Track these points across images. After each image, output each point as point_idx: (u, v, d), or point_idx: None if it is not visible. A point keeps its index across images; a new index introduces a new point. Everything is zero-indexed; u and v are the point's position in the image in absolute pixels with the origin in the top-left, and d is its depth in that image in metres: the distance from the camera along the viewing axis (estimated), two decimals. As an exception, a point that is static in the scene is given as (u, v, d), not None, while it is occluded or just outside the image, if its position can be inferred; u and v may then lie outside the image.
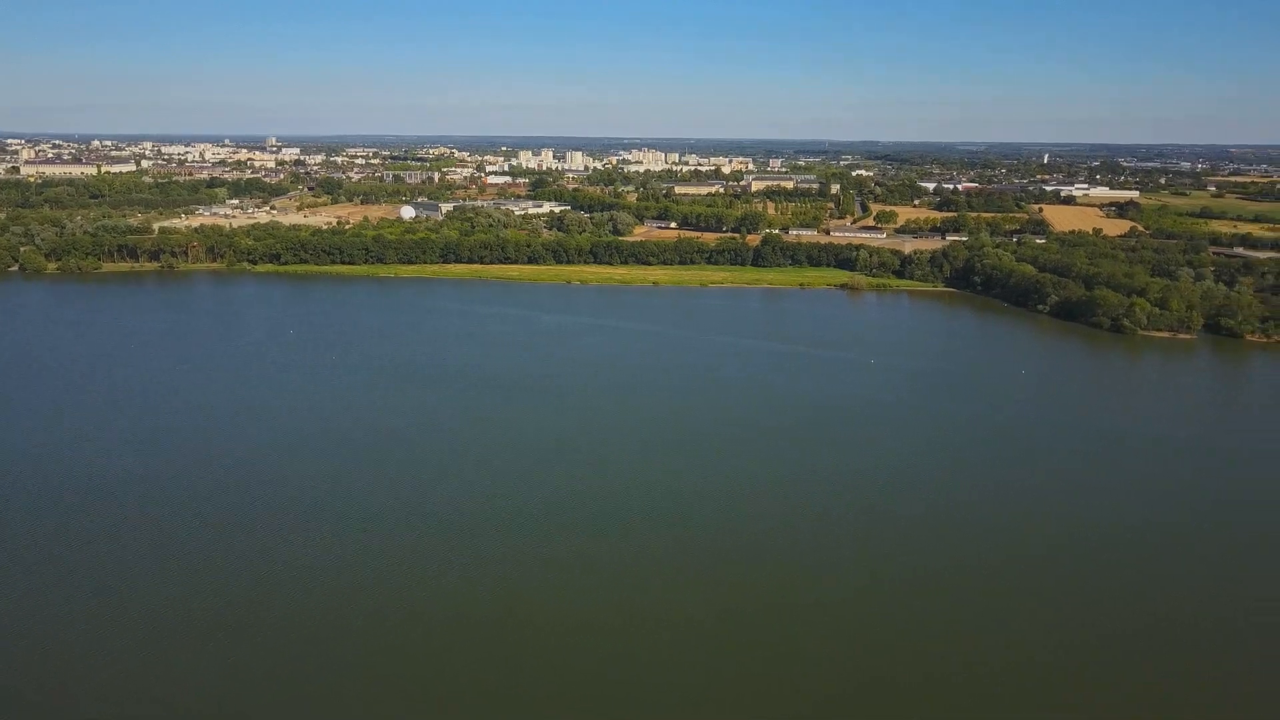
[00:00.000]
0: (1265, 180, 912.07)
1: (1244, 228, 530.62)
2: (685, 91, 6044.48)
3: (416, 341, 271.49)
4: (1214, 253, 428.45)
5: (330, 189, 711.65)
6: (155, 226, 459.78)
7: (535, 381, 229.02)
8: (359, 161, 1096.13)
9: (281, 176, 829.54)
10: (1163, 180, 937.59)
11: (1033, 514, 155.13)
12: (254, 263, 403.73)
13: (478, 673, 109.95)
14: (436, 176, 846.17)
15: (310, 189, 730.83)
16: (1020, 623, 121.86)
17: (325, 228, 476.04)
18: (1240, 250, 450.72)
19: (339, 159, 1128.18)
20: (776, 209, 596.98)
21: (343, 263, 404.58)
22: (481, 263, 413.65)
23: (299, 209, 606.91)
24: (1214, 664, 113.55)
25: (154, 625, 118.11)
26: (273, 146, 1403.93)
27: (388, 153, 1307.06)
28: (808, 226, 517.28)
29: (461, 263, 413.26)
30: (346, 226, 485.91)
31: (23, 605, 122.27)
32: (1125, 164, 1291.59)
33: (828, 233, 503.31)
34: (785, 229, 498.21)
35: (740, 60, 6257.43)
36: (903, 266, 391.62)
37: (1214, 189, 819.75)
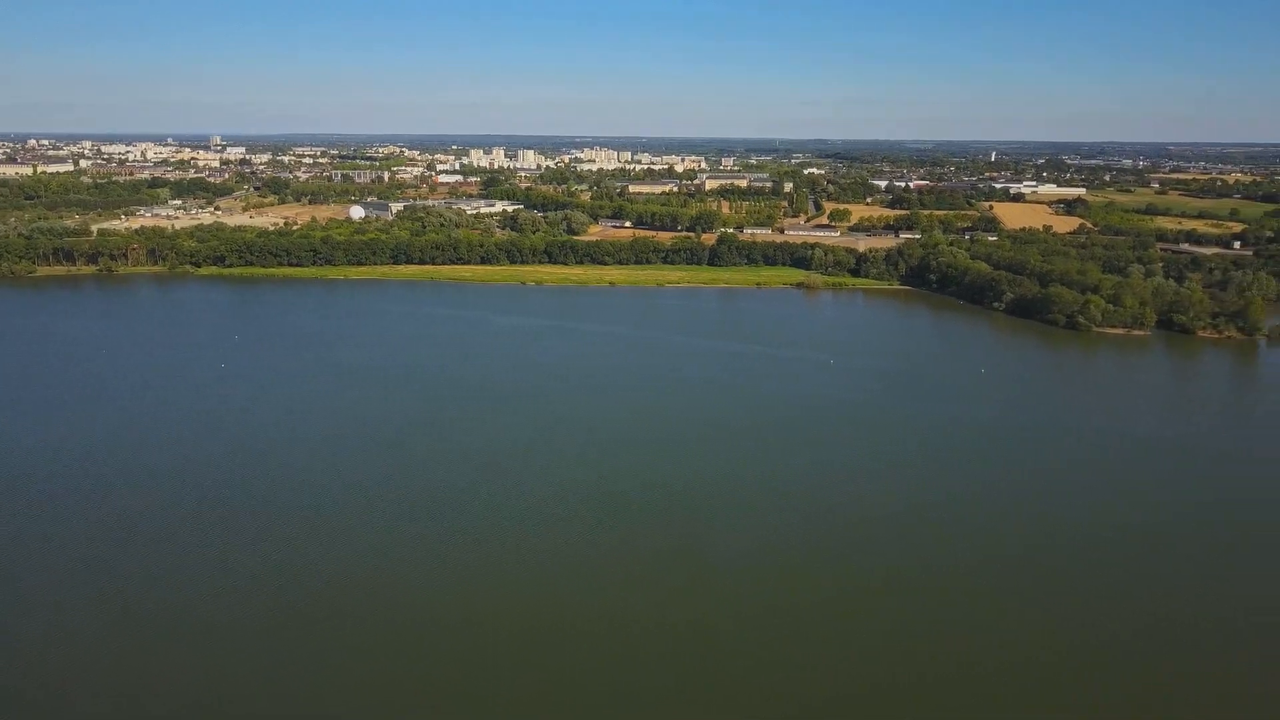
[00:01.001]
0: (1205, 178, 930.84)
1: (1189, 224, 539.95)
2: (638, 90, 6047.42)
3: (371, 345, 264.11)
4: (1161, 249, 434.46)
5: (277, 189, 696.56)
6: (93, 228, 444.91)
7: (498, 384, 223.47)
8: (306, 161, 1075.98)
9: (226, 176, 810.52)
10: (1107, 178, 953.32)
11: (1013, 514, 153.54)
12: (197, 265, 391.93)
13: (446, 674, 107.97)
14: (386, 176, 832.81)
15: (256, 189, 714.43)
16: (1011, 623, 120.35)
17: (272, 229, 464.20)
18: (1186, 246, 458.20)
19: (286, 158, 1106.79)
20: (731, 208, 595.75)
21: (290, 265, 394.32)
22: (433, 263, 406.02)
23: (244, 209, 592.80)
24: (1209, 665, 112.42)
25: (136, 622, 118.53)
26: (217, 146, 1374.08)
27: (336, 152, 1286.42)
28: (762, 225, 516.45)
29: (413, 264, 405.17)
30: (294, 227, 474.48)
31: (18, 604, 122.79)
32: (1069, 161, 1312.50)
33: (782, 231, 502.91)
34: (740, 228, 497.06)
35: (692, 59, 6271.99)
36: (858, 265, 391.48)
37: (1157, 186, 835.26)
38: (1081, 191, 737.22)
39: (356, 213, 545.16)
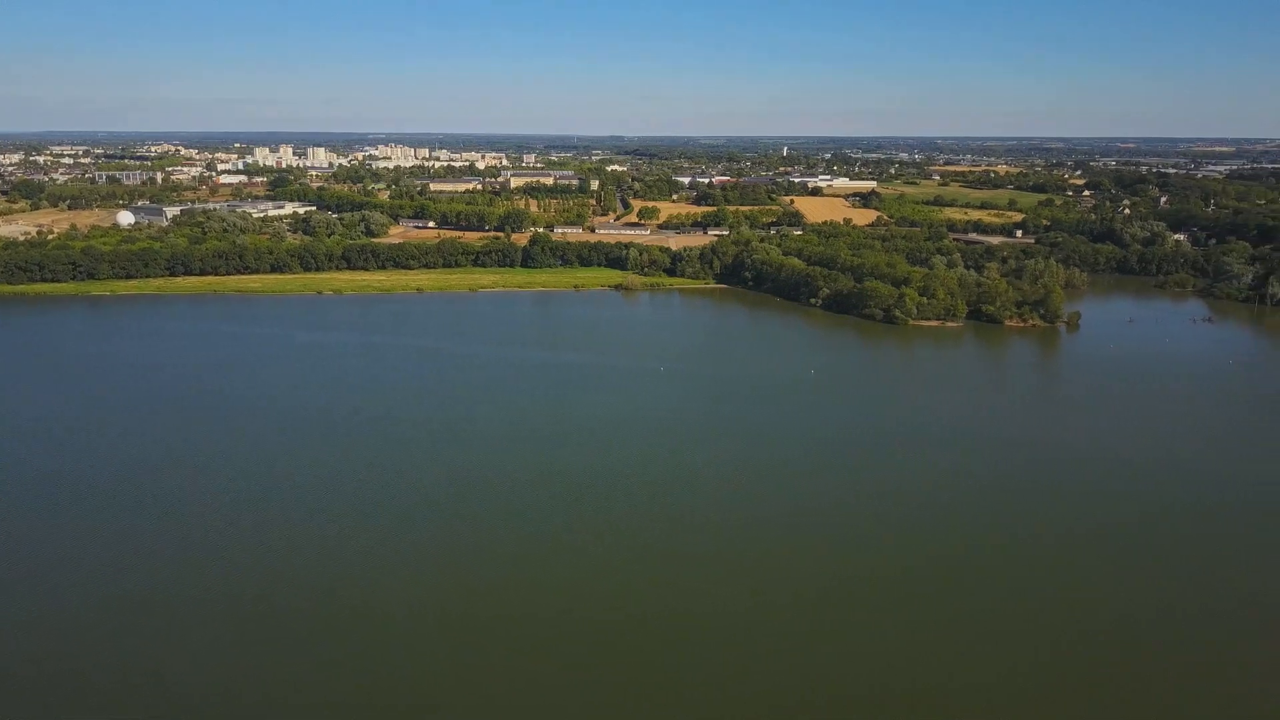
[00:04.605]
0: (979, 170, 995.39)
1: (974, 215, 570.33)
2: (432, 86, 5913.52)
3: (144, 373, 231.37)
4: (953, 239, 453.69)
5: (29, 193, 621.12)
6: None
7: (299, 413, 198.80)
8: (65, 161, 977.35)
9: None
10: (892, 170, 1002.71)
11: (897, 522, 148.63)
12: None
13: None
14: (160, 177, 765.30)
15: (4, 193, 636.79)
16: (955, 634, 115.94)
17: (22, 239, 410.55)
18: (975, 236, 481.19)
19: (41, 158, 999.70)
20: (539, 206, 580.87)
21: (44, 280, 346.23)
22: (216, 274, 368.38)
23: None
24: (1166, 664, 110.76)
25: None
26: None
27: (100, 151, 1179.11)
28: (572, 224, 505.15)
29: (192, 275, 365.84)
30: (49, 237, 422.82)
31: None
32: (854, 155, 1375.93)
33: (593, 230, 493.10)
34: (550, 227, 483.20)
35: (488, 54, 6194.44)
36: (673, 264, 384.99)
37: (939, 178, 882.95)
38: (873, 184, 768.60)
39: (125, 219, 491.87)
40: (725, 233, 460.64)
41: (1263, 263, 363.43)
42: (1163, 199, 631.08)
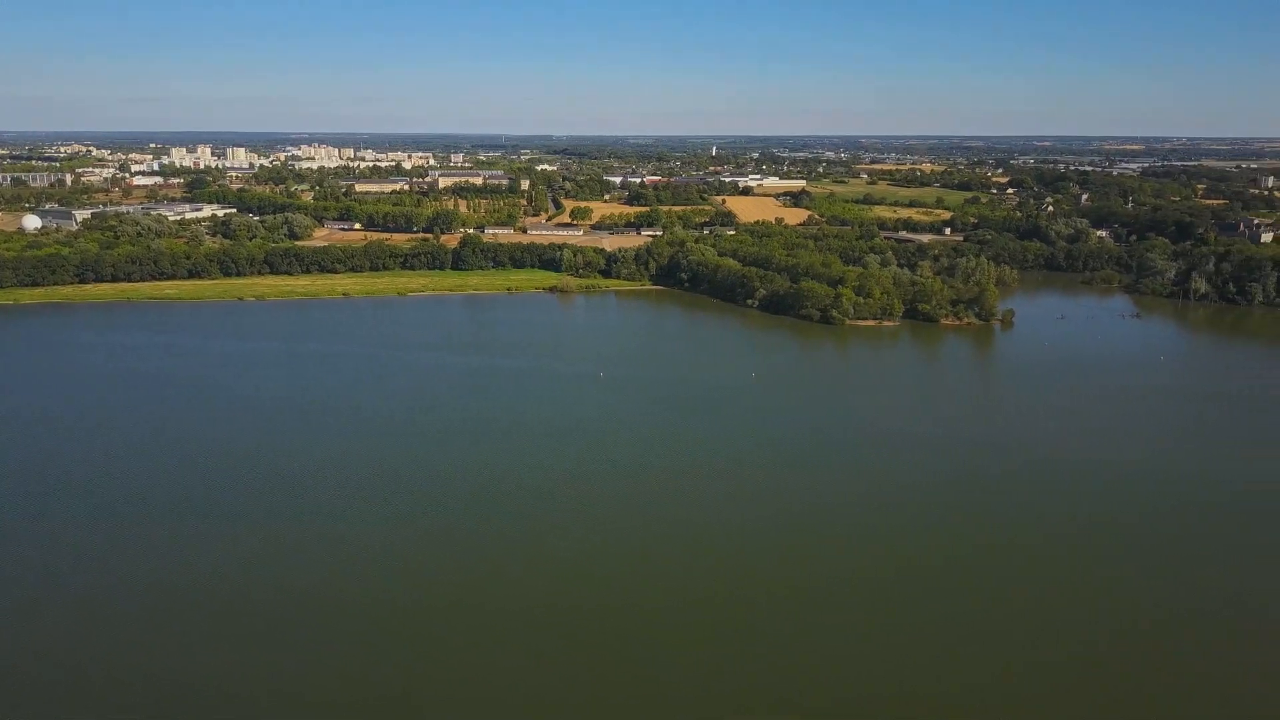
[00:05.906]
0: (905, 168, 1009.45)
1: (903, 213, 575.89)
2: (354, 84, 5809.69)
3: (49, 388, 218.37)
4: (885, 237, 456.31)
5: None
6: None
7: (215, 432, 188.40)
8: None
9: None
10: (820, 169, 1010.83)
11: (863, 523, 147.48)
12: None
13: None
14: (69, 179, 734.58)
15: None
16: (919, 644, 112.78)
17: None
18: (905, 234, 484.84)
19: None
20: (469, 207, 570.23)
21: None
22: (130, 280, 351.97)
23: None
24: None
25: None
26: None
27: (5, 151, 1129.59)
28: (504, 225, 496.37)
29: (104, 281, 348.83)
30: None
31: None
32: (781, 154, 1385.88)
33: (525, 231, 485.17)
34: (481, 228, 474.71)
35: (414, 53, 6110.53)
36: (609, 266, 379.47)
37: (867, 177, 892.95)
38: (803, 183, 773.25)
39: (31, 223, 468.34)
40: (659, 233, 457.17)
41: (1184, 259, 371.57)
42: (1084, 196, 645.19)
